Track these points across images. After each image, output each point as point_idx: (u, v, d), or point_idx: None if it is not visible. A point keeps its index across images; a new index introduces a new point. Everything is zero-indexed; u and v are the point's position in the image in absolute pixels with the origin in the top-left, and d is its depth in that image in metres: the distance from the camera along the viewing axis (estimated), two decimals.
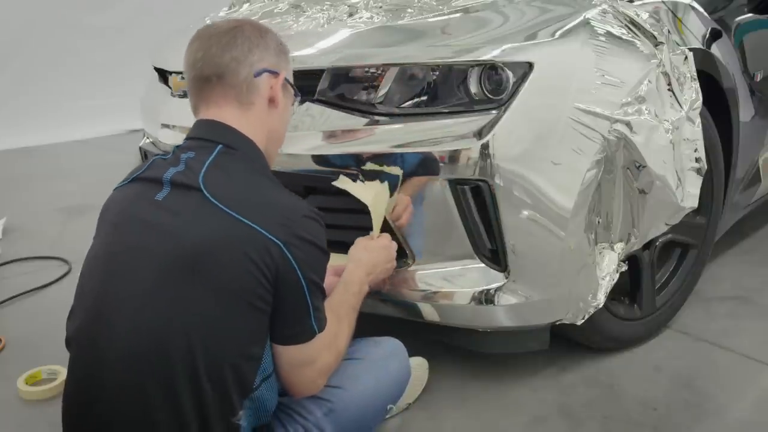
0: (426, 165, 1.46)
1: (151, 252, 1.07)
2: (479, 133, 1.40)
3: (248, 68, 1.19)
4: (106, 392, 1.07)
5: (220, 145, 1.16)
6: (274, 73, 1.23)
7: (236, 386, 1.09)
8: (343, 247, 1.65)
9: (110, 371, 1.06)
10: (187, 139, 1.21)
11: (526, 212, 1.44)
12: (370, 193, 1.47)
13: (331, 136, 1.52)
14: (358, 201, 1.46)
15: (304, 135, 1.54)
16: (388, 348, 1.47)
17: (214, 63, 1.18)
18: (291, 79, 1.29)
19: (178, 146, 1.20)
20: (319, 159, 1.53)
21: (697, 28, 1.85)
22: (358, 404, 1.34)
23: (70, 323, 1.16)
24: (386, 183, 1.47)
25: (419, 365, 1.71)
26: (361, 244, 1.46)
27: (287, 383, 1.21)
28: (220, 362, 1.06)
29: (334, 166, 1.52)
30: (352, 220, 1.63)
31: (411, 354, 1.53)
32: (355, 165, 1.50)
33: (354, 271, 1.39)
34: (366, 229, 1.59)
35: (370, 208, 1.46)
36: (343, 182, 1.48)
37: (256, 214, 1.08)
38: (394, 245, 1.49)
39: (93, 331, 1.09)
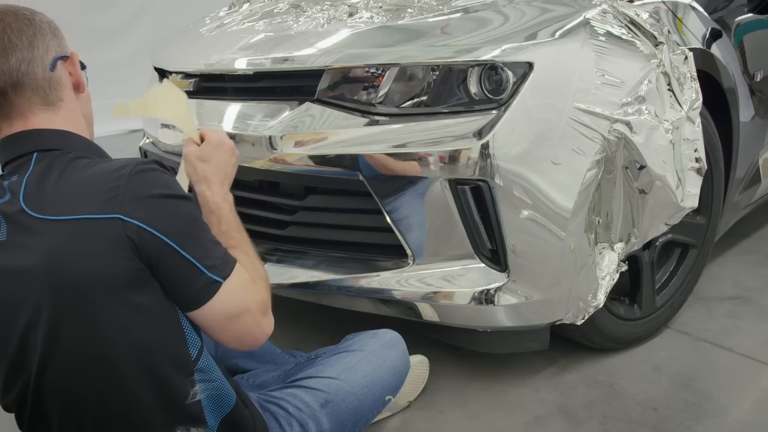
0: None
1: (26, 296, 0.98)
2: (479, 133, 1.40)
3: (41, 64, 1.05)
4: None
5: (35, 153, 1.04)
6: (65, 57, 1.10)
7: (174, 374, 1.04)
8: (346, 248, 1.66)
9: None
10: (4, 166, 1.07)
11: (526, 212, 1.44)
12: (153, 100, 1.35)
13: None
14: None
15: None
16: (386, 339, 1.46)
17: (1, 72, 1.02)
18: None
19: (0, 176, 1.07)
20: (318, 159, 1.53)
21: (697, 28, 1.85)
22: (356, 395, 1.33)
23: None
24: (166, 81, 1.35)
25: (420, 362, 1.71)
26: (191, 156, 1.23)
27: (237, 344, 1.09)
28: (150, 363, 1.01)
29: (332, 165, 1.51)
30: (353, 220, 1.63)
31: (411, 353, 1.53)
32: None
33: (209, 192, 1.20)
34: (371, 230, 1.59)
35: (164, 113, 1.35)
36: (118, 110, 1.36)
37: (83, 204, 0.97)
38: (221, 130, 1.33)
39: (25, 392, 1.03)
